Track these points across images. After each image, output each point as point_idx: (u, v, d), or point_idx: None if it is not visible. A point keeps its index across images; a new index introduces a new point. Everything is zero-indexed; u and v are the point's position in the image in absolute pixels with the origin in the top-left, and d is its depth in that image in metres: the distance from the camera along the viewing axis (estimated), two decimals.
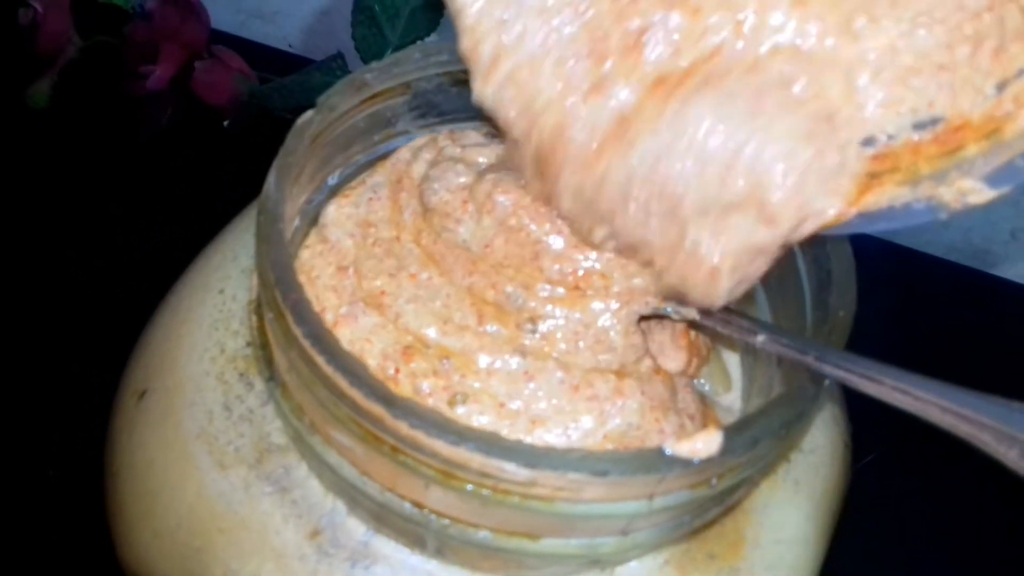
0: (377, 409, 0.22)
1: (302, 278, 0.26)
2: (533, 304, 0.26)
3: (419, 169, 0.30)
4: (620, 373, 0.25)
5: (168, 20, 0.58)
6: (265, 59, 0.63)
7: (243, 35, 0.67)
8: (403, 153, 0.30)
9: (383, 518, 0.25)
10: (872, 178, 0.24)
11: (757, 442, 0.23)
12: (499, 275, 0.26)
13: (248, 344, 0.28)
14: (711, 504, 0.25)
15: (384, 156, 0.30)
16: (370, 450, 0.22)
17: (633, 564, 0.26)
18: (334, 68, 0.60)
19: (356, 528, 0.26)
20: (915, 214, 0.24)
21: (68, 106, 0.59)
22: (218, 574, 0.26)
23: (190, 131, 0.59)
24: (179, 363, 0.28)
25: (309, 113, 0.27)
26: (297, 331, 0.22)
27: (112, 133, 0.60)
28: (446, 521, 0.24)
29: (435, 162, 0.29)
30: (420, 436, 0.21)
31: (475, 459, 0.21)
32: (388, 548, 0.26)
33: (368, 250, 0.27)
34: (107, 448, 0.29)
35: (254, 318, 0.26)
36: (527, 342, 0.25)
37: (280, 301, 0.23)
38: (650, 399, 0.25)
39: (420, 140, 0.31)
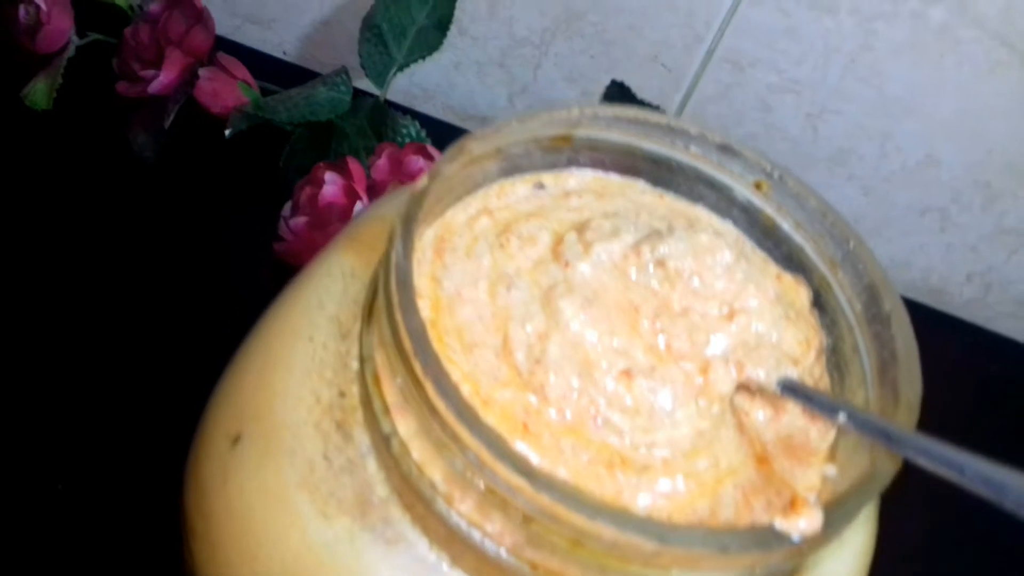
0: (518, 481, 0.23)
1: None
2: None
3: (459, 218, 0.31)
4: (716, 480, 0.27)
5: (174, 25, 0.58)
6: (258, 65, 0.63)
7: (237, 39, 0.67)
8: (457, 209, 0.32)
9: (488, 573, 0.27)
10: None
11: (850, 518, 0.25)
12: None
13: (341, 395, 0.29)
14: (789, 568, 0.27)
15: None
16: (503, 517, 0.24)
17: None
18: (339, 83, 0.60)
19: None
20: None
21: (68, 106, 0.58)
22: None
23: (191, 138, 0.59)
24: (274, 409, 0.29)
25: (424, 180, 0.28)
26: (439, 403, 0.24)
27: (113, 136, 0.59)
28: None
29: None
30: (559, 509, 0.23)
31: (609, 532, 0.23)
32: None
33: None
34: (194, 490, 0.30)
35: (364, 375, 0.27)
36: None
37: (420, 372, 0.24)
38: (743, 491, 0.27)
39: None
